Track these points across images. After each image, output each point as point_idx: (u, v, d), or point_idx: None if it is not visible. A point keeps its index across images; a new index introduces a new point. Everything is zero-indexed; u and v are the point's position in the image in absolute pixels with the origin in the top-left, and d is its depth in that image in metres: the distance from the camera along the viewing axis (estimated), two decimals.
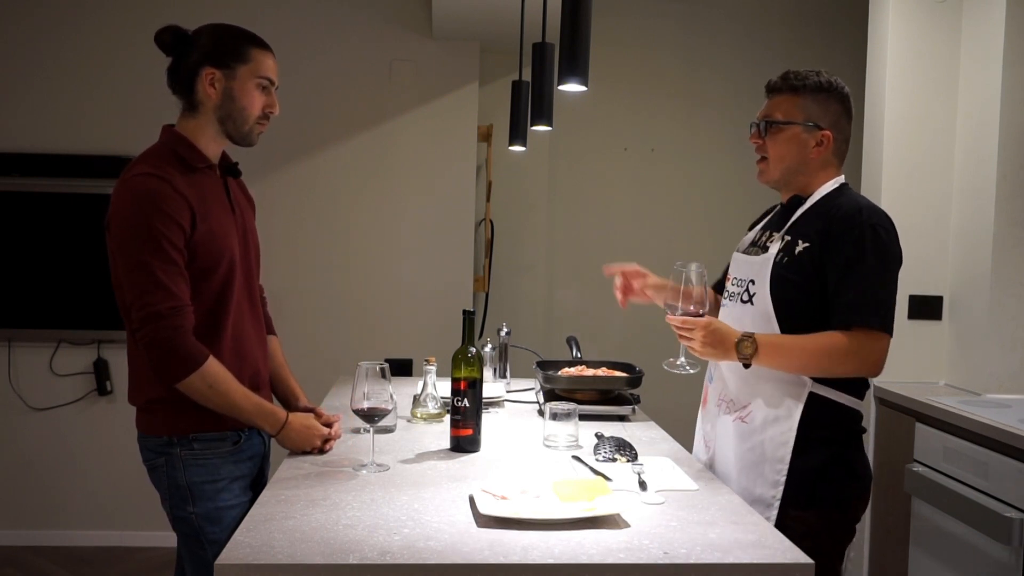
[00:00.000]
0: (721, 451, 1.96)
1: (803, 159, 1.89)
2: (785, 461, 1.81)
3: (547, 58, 2.49)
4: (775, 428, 1.83)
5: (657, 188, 4.33)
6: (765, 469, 1.83)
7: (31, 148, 3.90)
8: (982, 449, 2.42)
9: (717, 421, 1.99)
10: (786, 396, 1.83)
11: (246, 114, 1.85)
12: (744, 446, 1.88)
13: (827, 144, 1.89)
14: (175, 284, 1.73)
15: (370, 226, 4.07)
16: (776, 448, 1.82)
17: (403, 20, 4.03)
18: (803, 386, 1.82)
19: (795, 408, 1.81)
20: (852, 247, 1.77)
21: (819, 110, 1.88)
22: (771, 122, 1.90)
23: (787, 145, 1.89)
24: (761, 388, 1.86)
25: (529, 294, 4.34)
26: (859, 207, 1.82)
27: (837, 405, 1.83)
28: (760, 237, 2.00)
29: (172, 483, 1.81)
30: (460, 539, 1.41)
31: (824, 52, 4.29)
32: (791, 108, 1.89)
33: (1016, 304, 2.90)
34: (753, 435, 1.86)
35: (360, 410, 1.80)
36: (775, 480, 1.81)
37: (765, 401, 1.85)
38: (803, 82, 1.89)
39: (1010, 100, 2.87)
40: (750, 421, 1.88)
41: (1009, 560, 2.27)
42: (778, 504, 1.80)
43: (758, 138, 1.93)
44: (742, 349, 1.77)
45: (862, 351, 1.75)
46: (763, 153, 1.94)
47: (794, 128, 1.88)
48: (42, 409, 3.96)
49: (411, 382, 2.71)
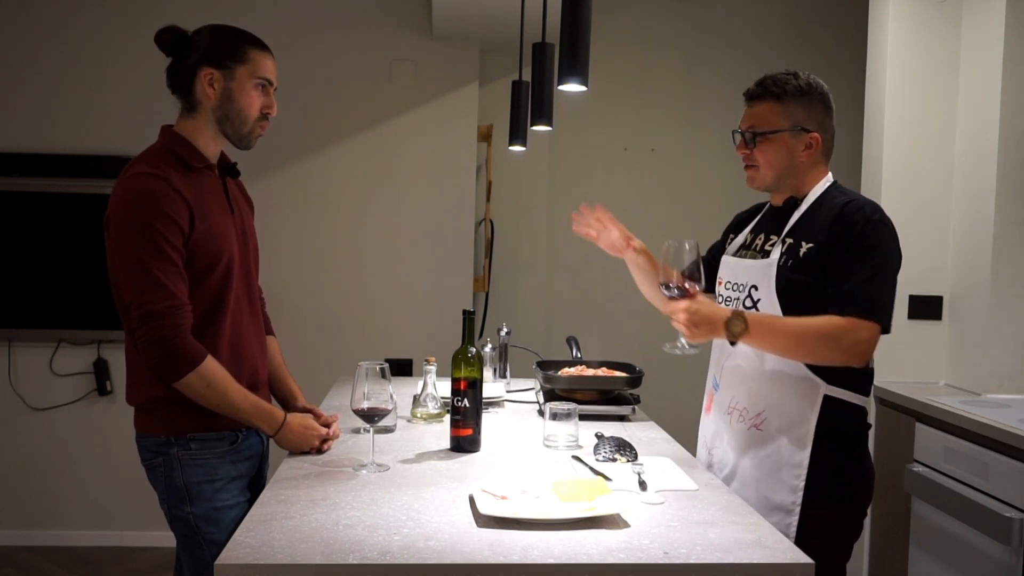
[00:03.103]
0: (734, 460, 1.94)
1: (793, 163, 1.90)
2: (803, 466, 1.80)
3: (547, 58, 2.49)
4: (792, 433, 1.82)
5: (657, 188, 4.33)
6: (783, 475, 1.82)
7: (31, 148, 3.90)
8: (982, 449, 2.41)
9: (727, 430, 1.97)
10: (801, 400, 1.82)
11: (244, 115, 1.85)
12: (761, 453, 1.87)
13: (816, 146, 1.89)
14: (173, 283, 1.73)
15: (370, 226, 4.07)
16: (793, 453, 1.82)
17: (403, 20, 4.03)
18: (817, 389, 1.81)
19: (811, 412, 1.81)
20: (857, 241, 1.77)
21: (804, 114, 1.88)
22: (757, 133, 1.89)
23: (776, 152, 1.89)
24: (774, 394, 1.85)
25: (529, 294, 4.34)
26: (860, 204, 1.82)
27: (847, 404, 1.83)
28: (753, 240, 2.00)
29: (170, 483, 1.81)
30: (460, 539, 1.40)
31: (824, 52, 4.29)
32: (775, 116, 1.88)
33: (1016, 304, 2.90)
34: (769, 442, 1.85)
35: (360, 410, 1.79)
36: (794, 485, 1.81)
37: (779, 407, 1.84)
38: (783, 88, 1.88)
39: (1010, 100, 2.87)
40: (765, 428, 1.86)
41: (1009, 560, 2.27)
42: (798, 510, 1.80)
43: (744, 148, 1.93)
44: (732, 327, 1.73)
45: (850, 338, 1.72)
46: (751, 162, 1.93)
47: (782, 135, 1.88)
48: (42, 409, 3.96)
49: (411, 382, 2.71)
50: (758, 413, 1.88)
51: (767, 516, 1.77)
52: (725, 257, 2.07)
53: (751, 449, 1.89)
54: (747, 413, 1.90)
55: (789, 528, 1.79)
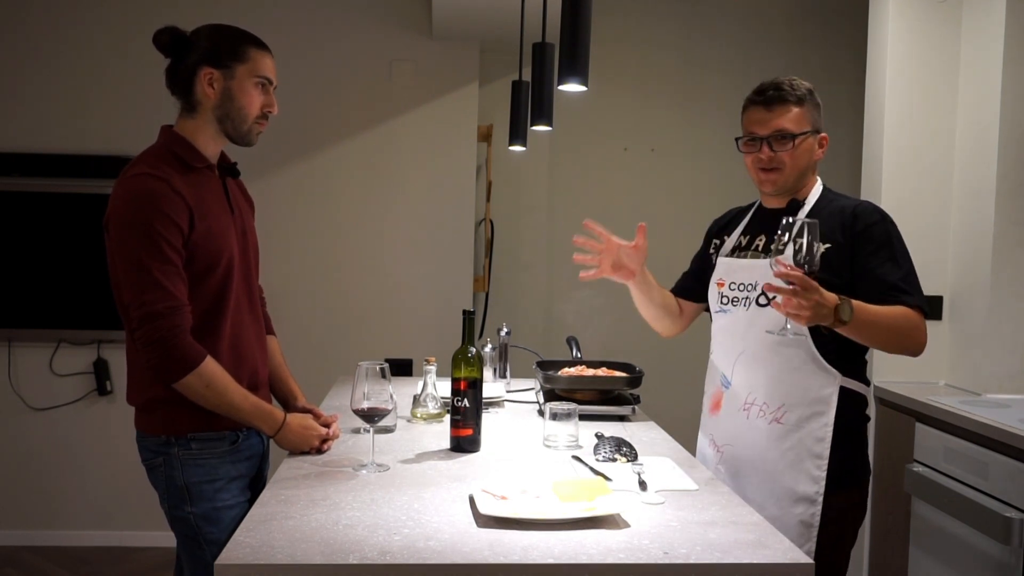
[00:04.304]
0: (755, 455, 1.97)
1: (811, 163, 2.01)
2: (824, 456, 1.88)
3: (547, 58, 2.49)
4: (813, 424, 1.90)
5: (657, 188, 4.33)
6: (807, 465, 1.89)
7: (31, 148, 3.90)
8: (982, 449, 2.41)
9: (743, 426, 2.00)
10: (820, 391, 1.89)
11: (244, 114, 1.85)
12: (783, 446, 1.92)
13: (825, 145, 2.01)
14: (173, 284, 1.73)
15: (370, 226, 4.07)
16: (814, 444, 1.89)
17: (403, 20, 4.03)
18: (835, 381, 1.89)
19: (830, 403, 1.89)
20: (884, 241, 1.87)
21: (815, 116, 1.99)
22: (793, 135, 1.95)
23: (805, 154, 1.98)
24: (795, 388, 1.92)
25: (529, 294, 4.34)
26: (869, 207, 1.95)
27: (856, 394, 1.93)
28: (752, 241, 2.05)
29: (170, 483, 1.81)
30: (460, 539, 1.40)
31: (824, 52, 4.29)
32: (801, 119, 1.97)
33: (1016, 304, 2.90)
34: (791, 434, 1.92)
35: (360, 410, 1.79)
36: (817, 476, 1.88)
37: (799, 399, 1.91)
38: (796, 93, 1.96)
39: (1010, 100, 2.87)
40: (786, 421, 1.92)
41: (1009, 560, 2.27)
42: (821, 499, 1.88)
43: (770, 151, 1.96)
44: (841, 313, 1.71)
45: (922, 328, 1.85)
46: (776, 164, 1.97)
47: (808, 137, 1.97)
48: (42, 409, 3.96)
49: (411, 382, 2.71)
50: (779, 407, 1.93)
51: (792, 507, 1.87)
52: (721, 259, 2.10)
53: (774, 443, 1.94)
54: (767, 408, 1.95)
55: (813, 517, 1.87)
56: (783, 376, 1.92)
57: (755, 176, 2.02)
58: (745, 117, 2.02)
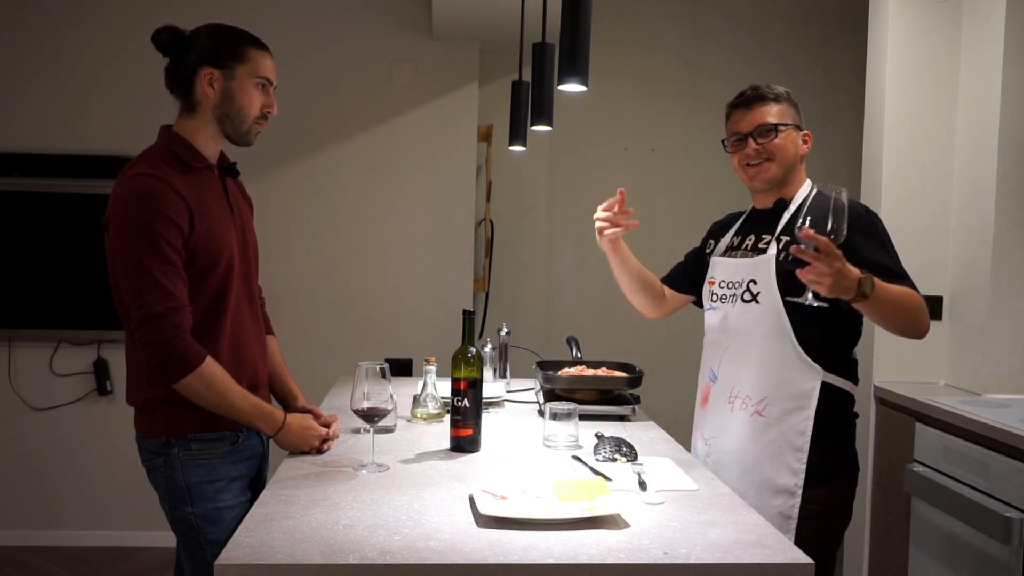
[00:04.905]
0: (738, 447, 2.01)
1: (797, 157, 2.04)
2: (804, 450, 1.91)
3: (547, 58, 2.49)
4: (794, 418, 1.92)
5: (657, 188, 4.33)
6: (787, 458, 1.92)
7: (31, 148, 3.90)
8: (982, 449, 2.41)
9: (727, 419, 2.04)
10: (802, 386, 1.92)
11: (244, 114, 1.85)
12: (764, 439, 1.95)
13: (809, 143, 2.06)
14: (173, 284, 1.73)
15: (370, 226, 4.07)
16: (795, 437, 1.92)
17: (403, 20, 4.03)
18: (816, 376, 1.91)
19: (811, 397, 1.91)
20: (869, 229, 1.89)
21: (795, 114, 2.05)
22: (773, 126, 2.00)
23: (791, 146, 2.02)
24: (776, 381, 1.94)
25: (529, 294, 4.34)
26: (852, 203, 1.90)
27: (840, 391, 1.95)
28: (742, 241, 2.11)
29: (170, 483, 1.81)
30: (460, 539, 1.40)
31: (824, 52, 4.29)
32: (781, 114, 2.03)
33: (1016, 304, 2.90)
34: (772, 427, 1.95)
35: (360, 410, 1.79)
36: (796, 468, 1.91)
37: (781, 393, 1.94)
38: (774, 91, 2.03)
39: (1010, 100, 2.86)
40: (767, 414, 1.95)
41: (1009, 560, 2.27)
42: (800, 492, 1.90)
43: (755, 143, 2.02)
44: (863, 287, 1.70)
45: (926, 313, 1.85)
46: (763, 156, 2.02)
47: (790, 130, 2.02)
48: (42, 409, 3.96)
49: (411, 382, 2.71)
50: (760, 400, 1.97)
51: (771, 498, 1.90)
52: (715, 259, 2.17)
53: (755, 435, 1.97)
54: (749, 401, 1.99)
55: (792, 509, 1.90)
56: (766, 370, 1.96)
57: (743, 175, 2.08)
58: (729, 121, 2.09)
